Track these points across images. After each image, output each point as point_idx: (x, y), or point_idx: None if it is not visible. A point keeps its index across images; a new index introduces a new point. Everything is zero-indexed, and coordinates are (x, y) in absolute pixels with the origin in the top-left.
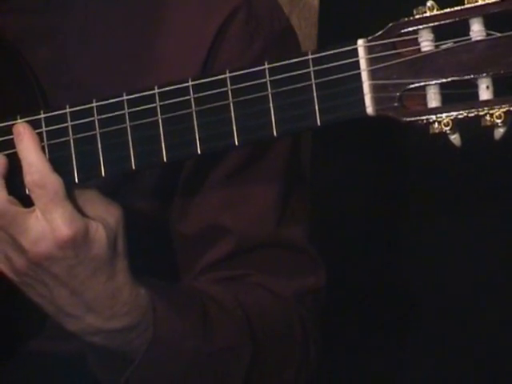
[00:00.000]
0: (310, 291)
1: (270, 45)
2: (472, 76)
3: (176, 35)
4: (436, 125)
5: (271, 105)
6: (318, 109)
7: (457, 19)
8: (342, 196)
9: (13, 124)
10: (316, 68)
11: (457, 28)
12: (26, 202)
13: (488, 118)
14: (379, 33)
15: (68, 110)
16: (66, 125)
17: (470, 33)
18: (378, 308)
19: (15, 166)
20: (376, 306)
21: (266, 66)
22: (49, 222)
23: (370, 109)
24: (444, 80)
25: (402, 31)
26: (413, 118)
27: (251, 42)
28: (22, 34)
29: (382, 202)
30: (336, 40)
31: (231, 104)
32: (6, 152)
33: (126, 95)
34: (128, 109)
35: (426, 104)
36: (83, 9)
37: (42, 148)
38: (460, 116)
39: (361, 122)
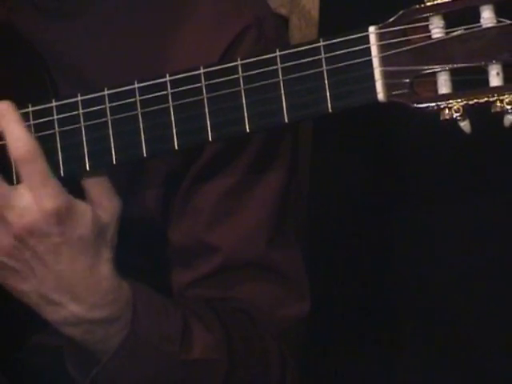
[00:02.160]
0: (292, 321)
1: None
2: (482, 63)
3: (186, 47)
4: (446, 111)
5: (282, 91)
6: (330, 95)
7: (467, 6)
8: (334, 196)
9: (25, 113)
10: (327, 55)
11: (467, 15)
12: None
13: (498, 104)
14: (390, 20)
15: (80, 98)
16: (77, 112)
17: (481, 20)
18: (373, 308)
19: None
20: (371, 307)
21: (278, 53)
22: (35, 196)
23: (381, 95)
24: (454, 66)
25: (413, 18)
26: (423, 105)
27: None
28: (31, 34)
29: (377, 201)
30: None
31: (242, 91)
32: None
33: (138, 83)
34: (139, 96)
35: (436, 90)
36: (96, 14)
37: (53, 135)
38: (470, 102)
39: (358, 119)
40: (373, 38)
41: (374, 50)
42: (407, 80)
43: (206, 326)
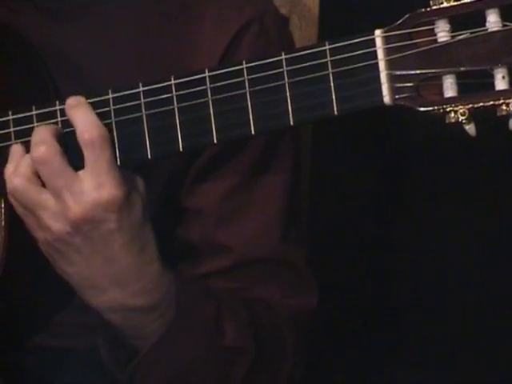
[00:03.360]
0: (303, 311)
1: None
2: (488, 66)
3: (188, 44)
4: (452, 114)
5: (288, 94)
6: (335, 98)
7: (473, 10)
8: (336, 195)
9: (29, 115)
10: (333, 58)
11: (473, 19)
12: None
13: (504, 107)
14: (396, 23)
15: None
16: None
17: (486, 24)
18: (375, 306)
19: None
20: (373, 305)
21: (283, 56)
22: (97, 183)
23: (386, 98)
24: (460, 70)
25: (419, 22)
26: (429, 108)
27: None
28: (31, 35)
29: (378, 202)
30: None
31: (248, 93)
32: (23, 140)
33: (143, 86)
34: (144, 99)
35: (442, 94)
36: (98, 14)
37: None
38: (476, 106)
39: (359, 119)
40: (379, 42)
41: (380, 54)
42: (413, 83)
43: (235, 315)
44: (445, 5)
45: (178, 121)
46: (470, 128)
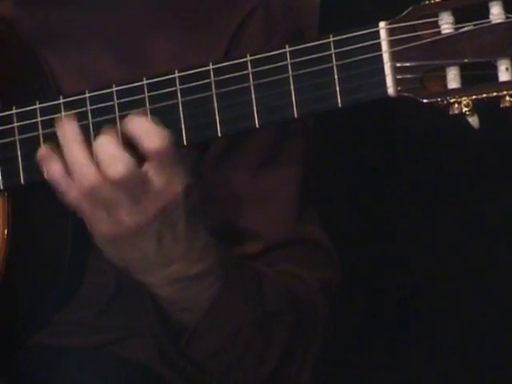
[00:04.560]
0: (330, 283)
1: (286, 43)
2: (491, 58)
3: (195, 32)
4: (456, 106)
5: (292, 87)
6: (339, 90)
7: (477, 2)
8: (337, 190)
9: (32, 109)
10: (337, 50)
11: (477, 11)
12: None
13: (507, 98)
14: (400, 15)
15: (87, 95)
16: (85, 109)
17: (490, 16)
18: (378, 305)
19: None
20: (376, 303)
21: (287, 49)
22: (168, 182)
23: (391, 90)
24: (464, 61)
25: (423, 14)
26: (433, 99)
27: (269, 41)
28: (37, 28)
29: (379, 200)
30: None
31: (252, 86)
32: (28, 135)
33: (146, 79)
34: (148, 92)
35: (446, 85)
36: (99, 3)
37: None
38: (479, 97)
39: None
40: (383, 34)
41: (385, 45)
42: (417, 75)
43: (273, 283)
44: None
45: (182, 114)
46: (474, 120)
